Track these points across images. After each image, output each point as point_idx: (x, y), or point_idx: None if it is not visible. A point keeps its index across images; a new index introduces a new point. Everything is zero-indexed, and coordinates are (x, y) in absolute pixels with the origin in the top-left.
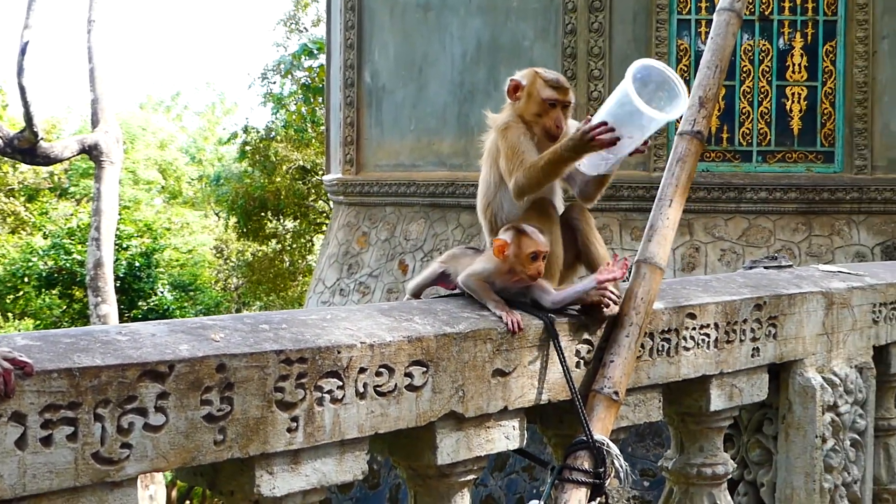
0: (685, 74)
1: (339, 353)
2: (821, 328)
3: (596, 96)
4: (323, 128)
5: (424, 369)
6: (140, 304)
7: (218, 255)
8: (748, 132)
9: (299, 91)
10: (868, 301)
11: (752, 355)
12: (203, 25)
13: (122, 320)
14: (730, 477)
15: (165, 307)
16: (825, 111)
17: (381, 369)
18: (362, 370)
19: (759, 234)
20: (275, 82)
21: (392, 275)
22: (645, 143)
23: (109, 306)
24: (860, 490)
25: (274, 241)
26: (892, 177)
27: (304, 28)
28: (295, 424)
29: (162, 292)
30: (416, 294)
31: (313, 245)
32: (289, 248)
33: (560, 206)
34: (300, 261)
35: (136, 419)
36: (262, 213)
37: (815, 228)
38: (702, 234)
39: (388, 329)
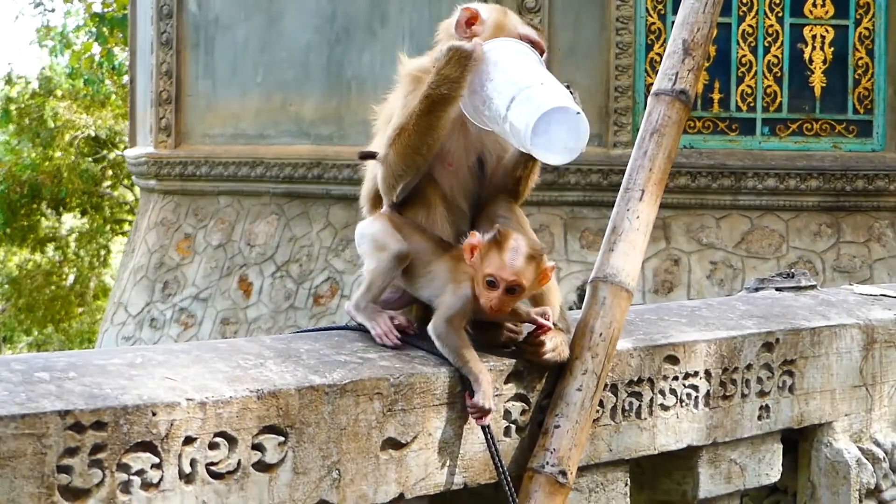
0: (659, 6)
1: (154, 414)
2: (857, 378)
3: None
4: (126, 78)
5: (282, 439)
6: None
7: None
8: (749, 92)
9: (90, 24)
10: None
11: (760, 417)
12: None
13: None
14: None
15: None
16: (860, 63)
17: (218, 439)
18: (189, 440)
19: (765, 240)
20: (54, 10)
21: (229, 297)
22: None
23: None
24: None
25: (51, 246)
26: None
27: None
28: None
29: None
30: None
31: (110, 253)
32: (73, 256)
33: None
34: (90, 276)
35: None
36: (34, 206)
37: (845, 232)
38: (683, 239)
39: (228, 379)
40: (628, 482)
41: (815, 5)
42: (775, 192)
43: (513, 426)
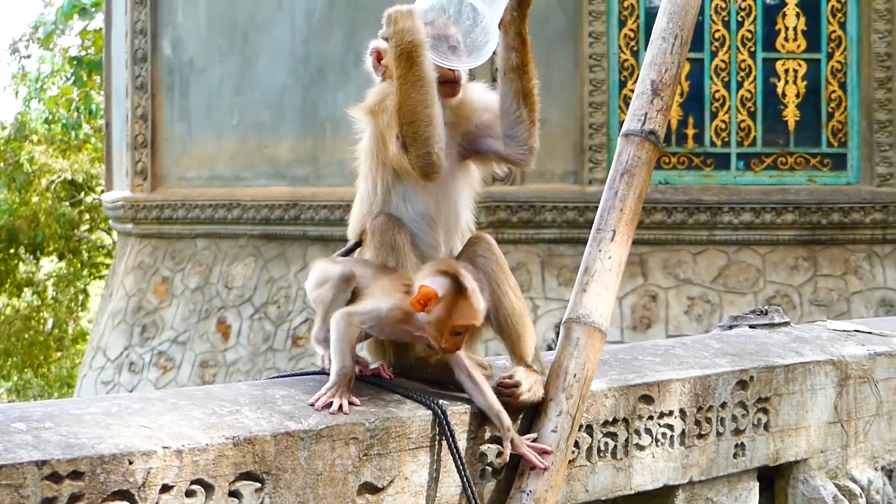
0: (632, 43)
1: (130, 463)
2: (832, 414)
3: None
4: (102, 122)
5: (258, 486)
6: None
7: None
8: (723, 127)
9: (67, 67)
10: None
11: (735, 455)
12: None
13: None
14: None
15: None
16: (833, 96)
17: (195, 487)
18: (166, 488)
19: (742, 275)
20: (30, 56)
21: (208, 340)
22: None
23: None
24: None
25: (28, 291)
26: None
27: None
28: None
29: None
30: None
31: (88, 297)
32: (51, 301)
33: (464, 230)
34: (68, 321)
35: None
36: (11, 250)
37: (822, 266)
38: (660, 275)
39: (204, 426)
40: None
41: (787, 39)
42: (751, 227)
43: (489, 468)
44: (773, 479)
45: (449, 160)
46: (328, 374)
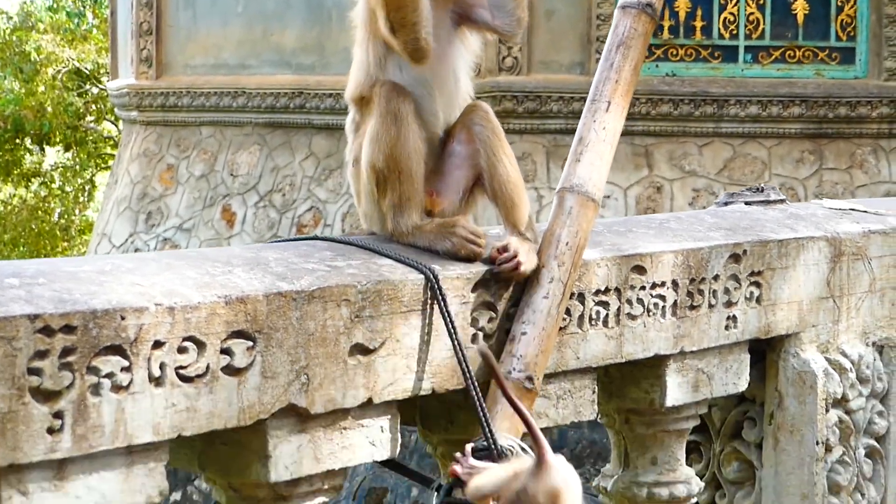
0: None
1: (123, 319)
2: (824, 289)
3: None
4: (108, 11)
5: (250, 344)
6: None
7: None
8: (731, 19)
9: None
10: (892, 251)
11: (727, 327)
12: None
13: None
14: (695, 501)
15: None
16: None
17: (187, 343)
18: (158, 344)
19: (747, 167)
20: None
21: (213, 227)
22: None
23: None
24: None
25: (36, 181)
26: None
27: None
28: (59, 423)
29: None
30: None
31: (95, 186)
32: (58, 191)
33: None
34: (76, 210)
35: None
36: (18, 141)
37: (827, 159)
38: (666, 167)
39: (197, 285)
40: (596, 390)
41: None
42: (758, 120)
43: (480, 333)
44: (765, 351)
45: (444, 27)
46: (320, 240)
